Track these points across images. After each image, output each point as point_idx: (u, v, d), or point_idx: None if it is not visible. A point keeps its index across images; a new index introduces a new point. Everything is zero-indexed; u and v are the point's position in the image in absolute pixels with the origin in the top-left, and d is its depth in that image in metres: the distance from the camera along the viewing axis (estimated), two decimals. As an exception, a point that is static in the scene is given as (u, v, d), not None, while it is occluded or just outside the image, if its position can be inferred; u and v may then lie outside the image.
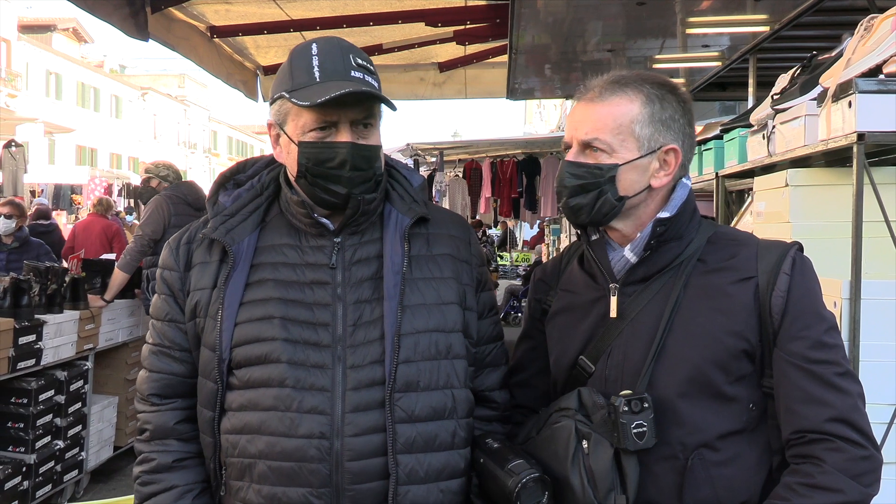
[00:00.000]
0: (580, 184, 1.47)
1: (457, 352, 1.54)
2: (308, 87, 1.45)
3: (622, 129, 1.46)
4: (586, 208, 1.48)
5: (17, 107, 24.97)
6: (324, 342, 1.48)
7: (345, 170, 1.47)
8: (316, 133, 1.48)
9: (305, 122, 1.48)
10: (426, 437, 1.48)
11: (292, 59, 1.51)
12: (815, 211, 2.42)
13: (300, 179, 1.52)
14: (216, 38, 5.16)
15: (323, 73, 1.46)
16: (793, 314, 1.40)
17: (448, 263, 1.59)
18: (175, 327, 1.58)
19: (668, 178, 1.49)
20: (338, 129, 1.47)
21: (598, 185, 1.46)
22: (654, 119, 1.47)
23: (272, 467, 1.45)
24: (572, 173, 1.48)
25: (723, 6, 3.85)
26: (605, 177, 1.46)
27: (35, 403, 4.34)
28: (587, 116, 1.49)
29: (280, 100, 1.51)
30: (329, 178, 1.48)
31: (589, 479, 1.38)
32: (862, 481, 1.32)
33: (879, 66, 2.10)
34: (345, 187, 1.49)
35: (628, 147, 1.46)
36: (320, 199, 1.52)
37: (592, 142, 1.47)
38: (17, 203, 6.62)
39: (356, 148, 1.48)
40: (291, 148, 1.51)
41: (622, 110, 1.46)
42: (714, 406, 1.41)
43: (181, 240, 1.62)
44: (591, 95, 1.50)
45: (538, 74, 5.71)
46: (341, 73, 1.46)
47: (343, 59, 1.48)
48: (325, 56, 1.48)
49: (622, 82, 1.49)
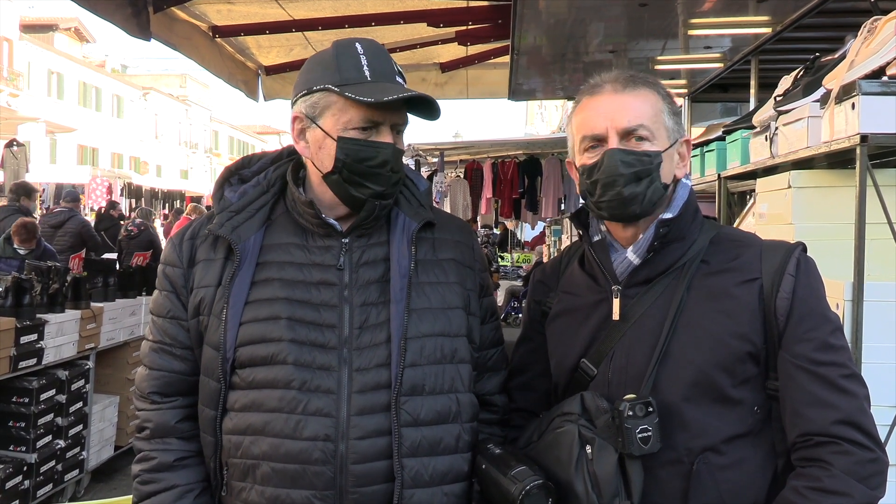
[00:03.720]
0: (635, 171, 1.43)
1: (461, 356, 1.55)
2: (360, 84, 1.46)
3: (657, 119, 1.47)
4: (639, 197, 1.44)
5: (19, 106, 24.99)
6: (330, 344, 1.48)
7: (385, 169, 1.49)
8: (358, 132, 1.48)
9: (351, 119, 1.48)
10: (431, 441, 1.48)
11: (339, 55, 1.50)
12: (817, 213, 2.41)
13: (332, 175, 1.51)
14: (218, 38, 5.15)
15: (373, 73, 1.48)
16: (798, 316, 1.39)
17: (453, 268, 1.59)
18: (177, 324, 1.58)
19: (685, 169, 1.51)
20: (378, 130, 1.49)
21: (649, 172, 1.44)
22: (672, 111, 1.50)
23: (276, 469, 1.44)
24: (624, 161, 1.43)
25: (725, 7, 3.84)
26: (654, 163, 1.45)
27: (36, 403, 4.34)
28: (624, 105, 1.46)
29: (322, 92, 1.50)
30: (367, 176, 1.49)
31: (593, 485, 1.36)
32: (869, 484, 1.32)
33: (883, 68, 2.10)
34: (381, 186, 1.50)
35: (661, 136, 1.47)
36: (350, 197, 1.52)
37: (637, 129, 1.44)
38: (28, 226, 6.65)
39: (397, 150, 1.50)
40: (327, 143, 1.50)
41: (652, 100, 1.48)
42: (719, 409, 1.40)
43: (185, 235, 1.61)
44: (615, 87, 1.48)
45: (540, 75, 5.70)
46: (389, 76, 1.49)
47: (388, 63, 1.51)
48: (372, 57, 1.50)
49: (639, 77, 1.50)
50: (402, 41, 5.70)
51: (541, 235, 13.97)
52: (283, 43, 5.61)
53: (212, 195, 1.62)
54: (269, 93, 6.11)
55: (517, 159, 10.84)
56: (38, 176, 16.78)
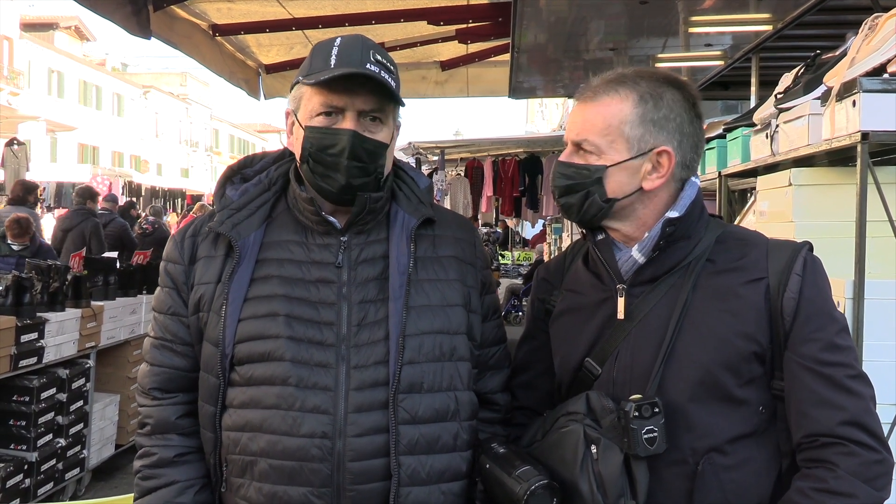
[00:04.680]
0: (568, 184, 1.48)
1: (461, 354, 1.54)
2: (321, 71, 1.46)
3: (611, 131, 1.45)
4: (574, 208, 1.49)
5: (20, 105, 25.01)
6: (328, 341, 1.48)
7: (343, 158, 1.47)
8: (322, 119, 1.49)
9: (314, 107, 1.49)
10: (429, 439, 1.47)
11: (314, 50, 1.53)
12: (818, 210, 2.41)
13: (303, 165, 1.52)
14: (218, 37, 5.14)
15: (338, 61, 1.47)
16: (804, 316, 1.38)
17: (453, 265, 1.58)
18: (177, 321, 1.58)
19: (662, 180, 1.46)
20: (344, 116, 1.48)
21: (584, 186, 1.46)
22: (644, 119, 1.45)
23: (273, 466, 1.44)
24: (562, 173, 1.49)
25: (725, 5, 3.84)
26: (592, 178, 1.45)
27: (37, 401, 4.34)
28: (579, 117, 1.49)
29: (296, 86, 1.54)
30: (328, 166, 1.48)
31: (598, 485, 1.35)
32: (875, 485, 1.31)
33: (884, 66, 2.10)
34: (343, 176, 1.48)
35: (617, 148, 1.45)
36: (319, 188, 1.52)
37: (582, 143, 1.47)
38: (21, 221, 6.65)
39: (357, 137, 1.47)
40: (299, 132, 1.52)
41: (612, 111, 1.45)
42: (724, 409, 1.39)
43: (186, 232, 1.62)
44: (587, 95, 1.49)
45: (540, 73, 5.71)
46: (356, 63, 1.46)
47: (361, 52, 1.48)
48: (345, 47, 1.49)
49: (618, 81, 1.47)
50: (403, 39, 5.70)
51: (541, 234, 13.98)
52: (283, 41, 5.61)
53: (214, 193, 1.63)
54: (270, 91, 6.11)
55: (518, 157, 10.84)
56: (38, 175, 16.79)
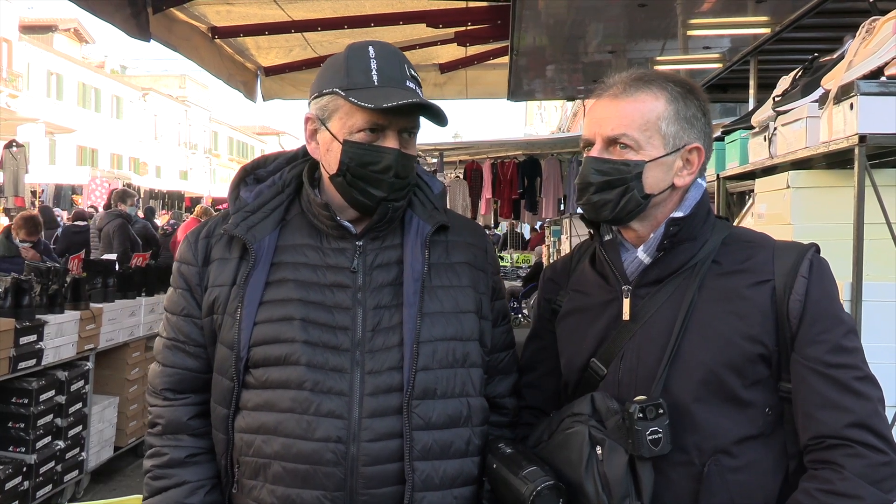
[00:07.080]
0: (606, 180, 1.45)
1: (473, 360, 1.55)
2: (366, 88, 1.45)
3: (649, 126, 1.44)
4: (610, 205, 1.46)
5: (18, 107, 24.98)
6: (343, 346, 1.48)
7: (388, 175, 1.48)
8: (364, 135, 1.48)
9: (356, 123, 1.48)
10: (442, 445, 1.48)
11: (349, 59, 1.50)
12: (816, 213, 2.41)
13: (337, 178, 1.51)
14: (217, 39, 5.16)
15: (381, 78, 1.47)
16: (811, 318, 1.37)
17: (466, 272, 1.59)
18: (190, 322, 1.58)
19: (692, 176, 1.48)
20: (385, 134, 1.48)
21: (624, 182, 1.44)
22: (678, 117, 1.46)
23: (287, 469, 1.45)
24: (598, 169, 1.46)
25: (724, 8, 3.85)
26: (633, 173, 1.44)
27: (36, 403, 4.34)
28: (613, 112, 1.46)
29: (330, 95, 1.50)
30: (370, 181, 1.49)
31: (603, 486, 1.35)
32: (882, 487, 1.30)
33: (881, 69, 2.10)
34: (384, 192, 1.49)
35: (654, 144, 1.45)
36: (355, 201, 1.52)
37: (619, 138, 1.45)
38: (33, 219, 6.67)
39: (402, 156, 1.49)
40: (334, 145, 1.51)
41: (649, 107, 1.45)
42: (730, 411, 1.39)
43: (200, 234, 1.61)
44: (614, 91, 1.48)
45: (539, 76, 5.71)
46: (398, 81, 1.47)
47: (399, 67, 1.49)
48: (383, 61, 1.48)
49: (646, 79, 1.47)
50: (402, 42, 5.71)
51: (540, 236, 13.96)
52: (282, 44, 5.62)
53: (228, 194, 1.62)
54: (268, 93, 6.12)
55: (516, 160, 10.83)
56: (37, 177, 16.80)
